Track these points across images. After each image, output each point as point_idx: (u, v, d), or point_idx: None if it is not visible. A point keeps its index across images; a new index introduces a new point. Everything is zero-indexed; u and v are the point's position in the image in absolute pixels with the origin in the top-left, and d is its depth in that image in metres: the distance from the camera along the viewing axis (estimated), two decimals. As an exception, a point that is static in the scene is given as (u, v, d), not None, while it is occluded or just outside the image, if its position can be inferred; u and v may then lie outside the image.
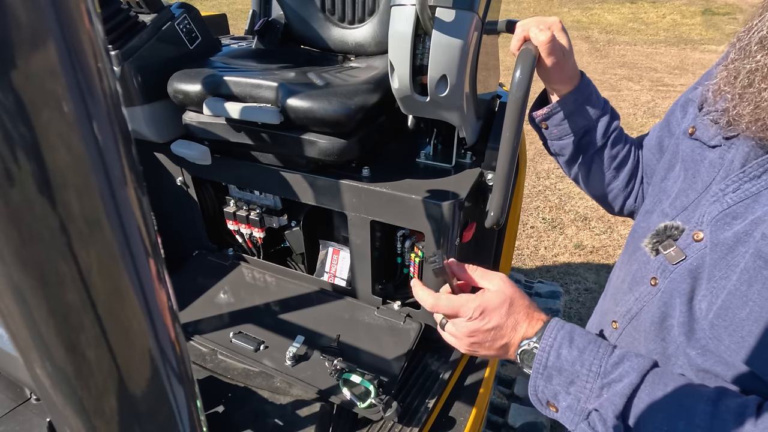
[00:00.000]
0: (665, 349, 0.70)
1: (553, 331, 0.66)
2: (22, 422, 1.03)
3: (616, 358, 0.62)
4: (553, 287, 2.60)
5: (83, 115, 0.18)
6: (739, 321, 0.58)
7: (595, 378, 0.62)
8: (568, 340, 0.65)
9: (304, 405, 1.14)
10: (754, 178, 0.61)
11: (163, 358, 0.26)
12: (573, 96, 0.89)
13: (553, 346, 0.65)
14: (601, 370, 0.62)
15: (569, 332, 0.66)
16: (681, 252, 0.68)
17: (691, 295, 0.65)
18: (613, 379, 0.61)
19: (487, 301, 0.70)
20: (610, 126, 0.92)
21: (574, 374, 0.63)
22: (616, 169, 0.94)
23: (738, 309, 0.58)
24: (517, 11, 10.82)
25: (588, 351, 0.63)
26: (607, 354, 0.63)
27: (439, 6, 0.91)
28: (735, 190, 0.63)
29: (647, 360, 0.62)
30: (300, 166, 1.29)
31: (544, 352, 0.65)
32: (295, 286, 1.47)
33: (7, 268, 0.19)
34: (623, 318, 0.79)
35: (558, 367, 0.64)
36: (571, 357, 0.63)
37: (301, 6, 1.60)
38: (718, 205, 0.64)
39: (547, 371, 0.65)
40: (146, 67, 1.27)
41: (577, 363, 0.63)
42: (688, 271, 0.66)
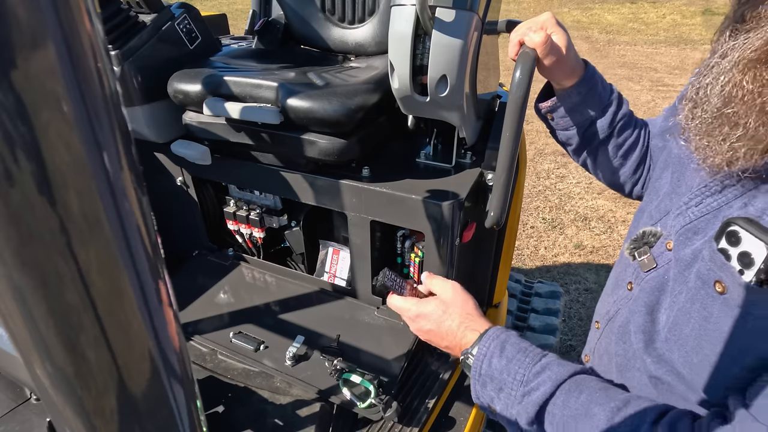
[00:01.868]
0: (626, 352, 0.72)
1: (487, 341, 0.72)
2: (22, 422, 1.03)
3: (539, 368, 0.66)
4: (553, 287, 2.60)
5: (83, 115, 0.18)
6: (685, 337, 0.60)
7: (518, 386, 0.66)
8: (500, 349, 0.70)
9: (304, 405, 1.14)
10: (716, 192, 0.61)
11: (163, 358, 0.26)
12: (577, 88, 0.89)
13: (486, 354, 0.70)
14: (524, 378, 0.66)
15: (502, 342, 0.71)
16: (653, 260, 0.70)
17: (656, 306, 0.67)
18: (532, 388, 0.65)
19: (422, 308, 0.80)
20: (617, 115, 0.91)
21: (502, 382, 0.68)
22: (624, 157, 0.94)
23: (684, 325, 0.60)
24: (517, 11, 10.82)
25: (515, 361, 0.68)
26: (532, 363, 0.67)
27: (439, 6, 0.91)
28: (698, 204, 0.63)
29: (567, 369, 0.66)
30: (300, 166, 1.29)
31: (478, 361, 0.71)
32: (295, 286, 1.47)
33: (7, 268, 0.19)
34: (603, 319, 0.81)
35: (490, 374, 0.69)
36: (500, 366, 0.69)
37: (301, 6, 1.60)
38: (682, 218, 0.65)
39: (481, 378, 0.71)
40: (146, 67, 1.27)
41: (504, 372, 0.68)
42: (656, 281, 0.68)
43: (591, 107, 0.90)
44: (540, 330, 2.30)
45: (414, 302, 0.82)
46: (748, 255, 0.51)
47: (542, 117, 0.98)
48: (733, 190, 0.59)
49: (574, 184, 3.95)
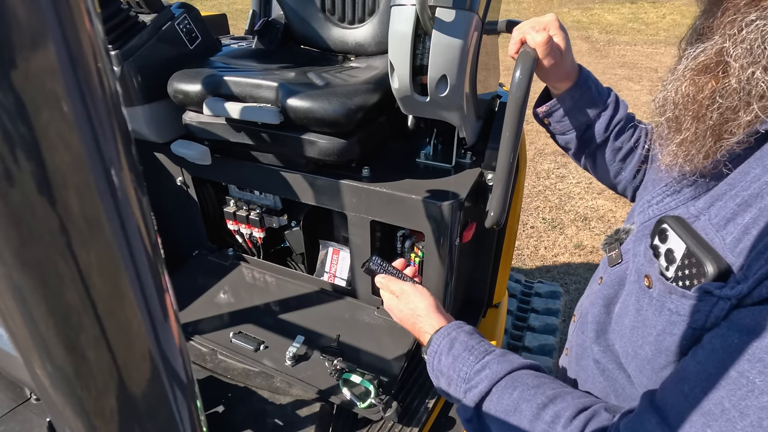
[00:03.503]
0: (583, 342, 0.76)
1: (438, 338, 0.77)
2: (22, 422, 1.03)
3: (480, 367, 0.70)
4: (553, 287, 2.60)
5: (83, 115, 0.18)
6: (623, 327, 0.63)
7: (462, 383, 0.70)
8: (448, 347, 0.74)
9: (304, 405, 1.14)
10: (674, 193, 0.64)
11: (163, 358, 0.26)
12: (570, 93, 0.89)
13: (436, 352, 0.76)
14: (467, 376, 0.70)
15: (452, 340, 0.75)
16: (620, 255, 0.72)
17: (613, 299, 0.70)
18: (472, 386, 0.69)
19: (389, 303, 0.90)
20: (613, 119, 0.91)
21: (449, 379, 0.72)
22: (622, 161, 0.94)
23: (623, 316, 0.63)
24: (517, 11, 10.82)
25: (460, 359, 0.72)
26: (475, 362, 0.70)
27: (439, 6, 0.91)
28: (658, 203, 0.65)
29: (506, 367, 0.68)
30: (300, 166, 1.29)
31: (430, 357, 0.76)
32: (295, 286, 1.47)
33: (7, 268, 0.19)
34: (578, 312, 0.85)
35: (440, 370, 0.74)
36: (447, 363, 0.73)
37: (301, 6, 1.60)
38: (642, 216, 0.67)
39: (434, 372, 0.76)
40: (146, 67, 1.27)
41: (451, 369, 0.72)
42: (618, 275, 0.70)
43: (585, 112, 0.91)
44: (540, 330, 2.30)
45: (386, 297, 0.91)
46: (672, 252, 0.54)
47: (540, 121, 0.99)
48: (689, 191, 0.62)
49: (574, 184, 3.95)
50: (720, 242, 0.50)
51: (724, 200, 0.53)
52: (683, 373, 0.51)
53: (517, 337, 2.23)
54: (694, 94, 0.56)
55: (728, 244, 0.50)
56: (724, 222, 0.51)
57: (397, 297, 0.88)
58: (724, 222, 0.51)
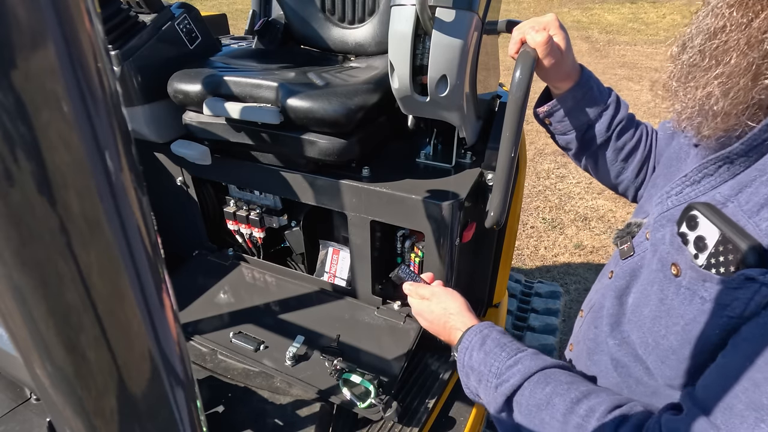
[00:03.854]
0: (597, 336, 0.76)
1: (470, 335, 0.77)
2: (22, 422, 1.03)
3: (512, 362, 0.70)
4: (553, 287, 2.60)
5: (83, 115, 0.18)
6: (642, 318, 0.63)
7: (493, 378, 0.71)
8: (480, 343, 0.75)
9: (304, 405, 1.14)
10: (694, 183, 0.62)
11: (163, 358, 0.26)
12: (572, 93, 0.89)
13: (468, 347, 0.76)
14: (498, 371, 0.71)
15: (484, 336, 0.75)
16: (632, 248, 0.72)
17: (625, 291, 0.70)
18: (504, 380, 0.69)
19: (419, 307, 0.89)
20: (614, 119, 0.91)
21: (480, 374, 0.73)
22: (624, 161, 0.94)
23: (643, 306, 0.63)
24: (517, 11, 10.82)
25: (492, 354, 0.72)
26: (507, 358, 0.71)
27: (439, 6, 0.91)
28: (677, 193, 0.64)
29: (538, 363, 0.69)
30: (300, 166, 1.29)
31: (461, 353, 0.77)
32: (295, 286, 1.47)
33: (7, 268, 0.19)
34: (586, 307, 0.85)
35: (470, 366, 0.75)
36: (479, 359, 0.74)
37: (301, 6, 1.60)
38: (660, 207, 0.66)
39: (464, 369, 0.76)
40: (146, 67, 1.27)
41: (483, 364, 0.73)
42: (630, 267, 0.71)
43: (587, 112, 0.90)
44: (540, 330, 2.30)
45: (415, 302, 0.90)
46: (703, 239, 0.53)
47: (541, 122, 0.98)
48: (710, 180, 0.60)
49: (574, 184, 3.95)
50: (754, 228, 0.49)
51: (754, 186, 0.52)
52: (726, 368, 0.50)
53: (517, 337, 2.23)
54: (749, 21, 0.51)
55: (764, 230, 0.49)
56: (758, 208, 0.50)
57: (428, 299, 0.88)
58: (757, 208, 0.50)
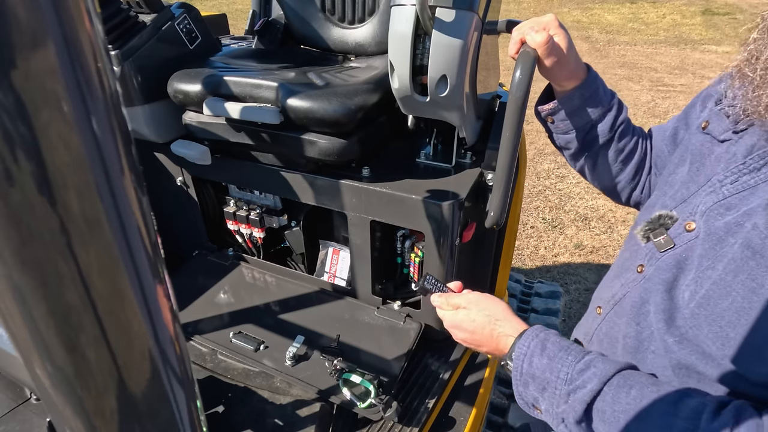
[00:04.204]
0: (639, 334, 0.72)
1: (526, 340, 0.71)
2: (22, 422, 1.03)
3: (583, 365, 0.65)
4: (553, 287, 2.60)
5: (83, 115, 0.18)
6: (720, 311, 0.59)
7: (562, 385, 0.65)
8: (540, 348, 0.69)
9: (304, 405, 1.14)
10: (754, 170, 0.61)
11: (163, 358, 0.26)
12: (579, 91, 0.89)
13: (526, 354, 0.70)
14: (568, 377, 0.65)
15: (542, 341, 0.70)
16: (670, 240, 0.70)
17: (673, 284, 0.67)
18: (578, 386, 0.64)
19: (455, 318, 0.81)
20: (617, 120, 0.91)
21: (545, 381, 0.67)
22: (623, 162, 0.94)
23: (720, 299, 0.59)
24: (517, 11, 10.82)
25: (557, 359, 0.67)
26: (575, 361, 0.66)
27: (439, 6, 0.91)
28: (733, 181, 0.63)
29: (613, 366, 0.64)
30: (300, 166, 1.29)
31: (518, 360, 0.70)
32: (295, 286, 1.47)
33: (7, 268, 0.19)
34: (607, 303, 0.81)
35: (531, 374, 0.68)
36: (541, 365, 0.68)
37: (301, 6, 1.60)
38: (714, 195, 0.65)
39: (523, 378, 0.70)
40: (146, 67, 1.27)
41: (547, 371, 0.67)
42: (674, 259, 0.68)
43: (592, 111, 0.90)
44: (540, 330, 2.29)
45: (449, 313, 0.83)
46: None
47: (542, 120, 0.98)
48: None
49: (574, 184, 3.95)
50: None
51: None
52: None
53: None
54: None
55: None
56: None
57: (465, 308, 0.80)
58: None
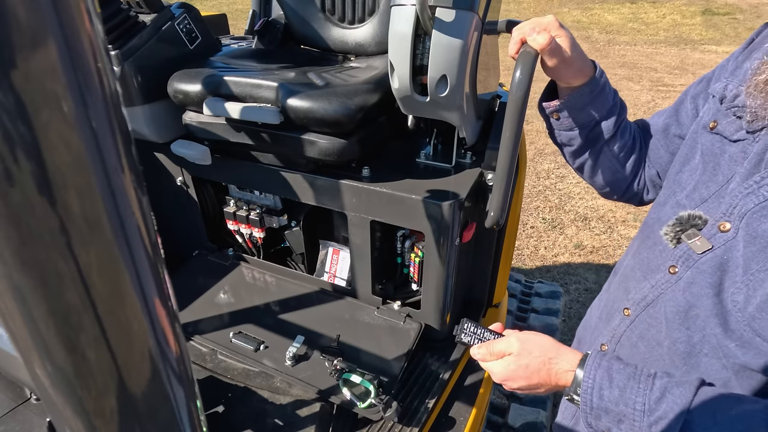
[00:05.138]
0: (690, 338, 0.71)
1: (591, 371, 0.68)
2: (22, 422, 1.03)
3: (658, 393, 0.63)
4: (553, 287, 2.60)
5: (83, 115, 0.18)
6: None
7: (641, 416, 0.63)
8: (608, 379, 0.67)
9: (304, 405, 1.14)
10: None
11: (163, 358, 0.26)
12: (589, 87, 0.89)
13: (594, 387, 0.67)
14: (646, 408, 0.63)
15: (607, 370, 0.67)
16: (707, 242, 0.69)
17: (720, 287, 0.66)
18: (660, 417, 0.62)
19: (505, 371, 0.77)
20: (621, 117, 0.92)
21: (620, 414, 0.65)
22: (625, 158, 0.95)
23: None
24: (517, 11, 10.82)
25: (629, 389, 0.65)
26: (648, 389, 0.64)
27: (439, 6, 0.91)
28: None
29: (689, 388, 0.62)
30: (300, 166, 1.29)
31: (587, 395, 0.68)
32: (295, 286, 1.47)
33: (7, 268, 0.19)
34: (637, 305, 0.80)
35: (604, 407, 0.66)
36: (613, 397, 0.65)
37: (301, 6, 1.60)
38: (754, 197, 0.64)
39: (594, 412, 0.67)
40: (146, 67, 1.27)
41: (621, 403, 0.65)
42: (715, 262, 0.67)
43: (598, 107, 0.90)
44: (540, 330, 2.30)
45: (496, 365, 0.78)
46: None
47: (545, 117, 0.98)
48: None
49: (574, 184, 3.95)
50: None
51: None
52: None
53: (517, 337, 2.23)
54: None
55: None
56: None
57: (513, 354, 0.76)
58: None
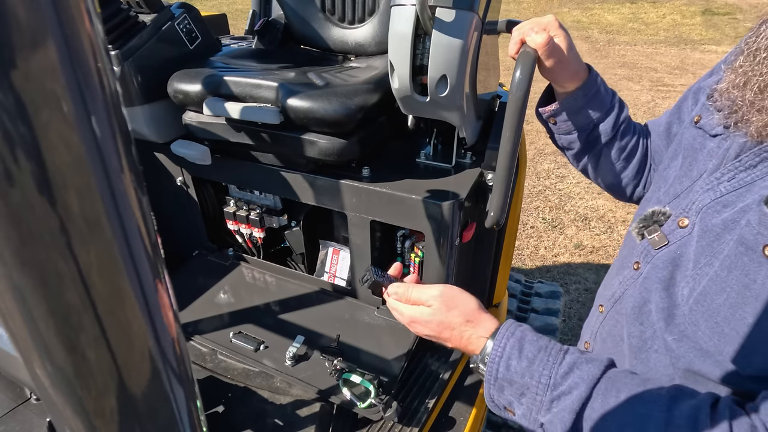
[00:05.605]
0: (642, 333, 0.71)
1: (502, 340, 0.66)
2: (22, 422, 1.03)
3: (566, 368, 0.61)
4: (553, 287, 2.60)
5: (83, 115, 0.18)
6: (716, 307, 0.58)
7: (545, 390, 0.61)
8: (518, 349, 0.65)
9: (304, 405, 1.14)
10: (750, 167, 0.61)
11: (163, 358, 0.26)
12: (582, 91, 0.89)
13: (502, 357, 0.65)
14: (551, 381, 0.61)
15: (519, 340, 0.65)
16: (664, 237, 0.69)
17: (671, 281, 0.66)
18: (563, 392, 0.60)
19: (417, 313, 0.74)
20: (619, 118, 0.92)
21: (524, 386, 0.63)
22: (626, 160, 0.94)
23: (716, 295, 0.59)
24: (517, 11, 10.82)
25: (537, 360, 0.63)
26: (557, 363, 0.62)
27: (439, 6, 0.91)
28: (730, 179, 0.63)
29: (598, 366, 0.61)
30: (300, 166, 1.29)
31: (493, 363, 0.65)
32: (295, 286, 1.47)
33: (7, 268, 0.19)
34: (608, 302, 0.80)
35: (508, 378, 0.64)
36: (520, 368, 0.63)
37: (301, 6, 1.60)
38: (711, 193, 0.65)
39: (498, 383, 0.65)
40: (146, 67, 1.27)
41: (527, 374, 0.62)
42: (669, 257, 0.68)
43: (595, 110, 0.90)
44: (540, 330, 2.29)
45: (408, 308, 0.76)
46: None
47: (543, 121, 0.98)
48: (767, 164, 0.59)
49: (574, 184, 3.95)
50: None
51: None
52: None
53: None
54: None
55: None
56: None
57: (432, 308, 0.73)
58: None
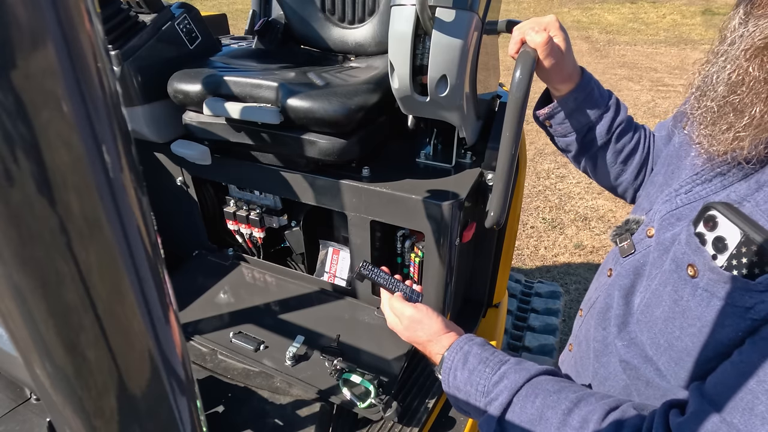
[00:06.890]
0: (605, 338, 0.73)
1: (451, 353, 0.74)
2: (22, 422, 1.03)
3: (497, 378, 0.67)
4: (553, 287, 2.60)
5: (83, 115, 0.18)
6: (654, 319, 0.61)
7: (480, 397, 0.68)
8: (462, 362, 0.72)
9: (304, 405, 1.14)
10: (706, 181, 0.62)
11: (163, 358, 0.25)
12: (573, 95, 0.89)
13: (451, 368, 0.73)
14: (485, 389, 0.68)
15: (465, 354, 0.73)
16: (632, 246, 0.71)
17: (630, 290, 0.68)
18: (492, 399, 0.67)
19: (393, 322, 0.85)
20: (614, 121, 0.91)
21: (467, 394, 0.70)
22: (624, 163, 0.94)
23: (655, 307, 0.61)
24: (517, 11, 10.82)
25: (476, 372, 0.70)
26: (492, 373, 0.68)
27: (439, 6, 0.91)
28: (687, 191, 0.64)
29: (524, 375, 0.66)
30: (300, 166, 1.29)
31: (445, 374, 0.74)
32: (295, 286, 1.47)
33: (7, 268, 0.19)
34: (586, 306, 0.83)
35: (456, 387, 0.72)
36: (463, 378, 0.71)
37: (301, 6, 1.60)
38: (668, 205, 0.66)
39: (451, 390, 0.73)
40: (146, 67, 1.27)
41: (468, 383, 0.70)
42: (632, 265, 0.69)
43: (587, 113, 0.90)
44: (540, 330, 2.30)
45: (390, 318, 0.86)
46: (723, 240, 0.52)
47: (541, 124, 0.98)
48: (722, 180, 0.60)
49: (574, 184, 3.95)
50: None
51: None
52: (743, 367, 0.49)
53: (517, 337, 2.23)
54: (762, 74, 0.52)
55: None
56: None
57: (403, 325, 0.83)
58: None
